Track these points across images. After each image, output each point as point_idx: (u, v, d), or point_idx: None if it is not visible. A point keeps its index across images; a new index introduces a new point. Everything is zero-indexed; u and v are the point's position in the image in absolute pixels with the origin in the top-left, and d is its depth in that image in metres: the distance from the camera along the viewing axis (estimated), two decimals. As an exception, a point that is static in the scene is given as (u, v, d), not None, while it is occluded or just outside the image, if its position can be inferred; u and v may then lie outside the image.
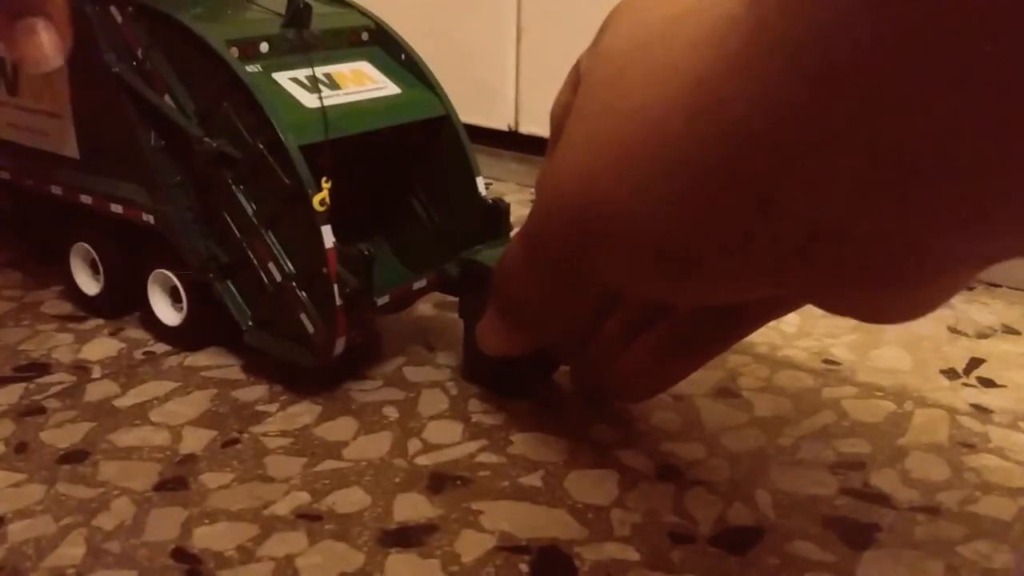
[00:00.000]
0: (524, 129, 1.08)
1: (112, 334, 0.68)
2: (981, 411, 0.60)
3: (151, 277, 0.66)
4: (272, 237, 0.58)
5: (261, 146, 0.56)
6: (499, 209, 0.64)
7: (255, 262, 0.59)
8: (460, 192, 0.66)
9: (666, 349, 0.26)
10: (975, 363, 0.66)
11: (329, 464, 0.53)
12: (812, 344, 0.69)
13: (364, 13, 0.69)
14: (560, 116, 0.24)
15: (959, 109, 0.14)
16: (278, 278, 0.58)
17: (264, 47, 0.60)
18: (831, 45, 0.14)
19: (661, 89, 0.16)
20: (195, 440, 0.55)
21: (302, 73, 0.61)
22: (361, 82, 0.63)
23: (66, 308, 0.72)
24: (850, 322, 0.73)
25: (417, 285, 0.62)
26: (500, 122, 1.07)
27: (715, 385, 0.62)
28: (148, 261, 0.66)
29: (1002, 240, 0.16)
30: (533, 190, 0.22)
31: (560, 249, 0.20)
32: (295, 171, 0.54)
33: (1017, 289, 0.80)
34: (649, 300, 0.24)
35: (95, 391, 0.60)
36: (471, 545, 0.46)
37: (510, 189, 1.09)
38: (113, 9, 0.61)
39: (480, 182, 0.66)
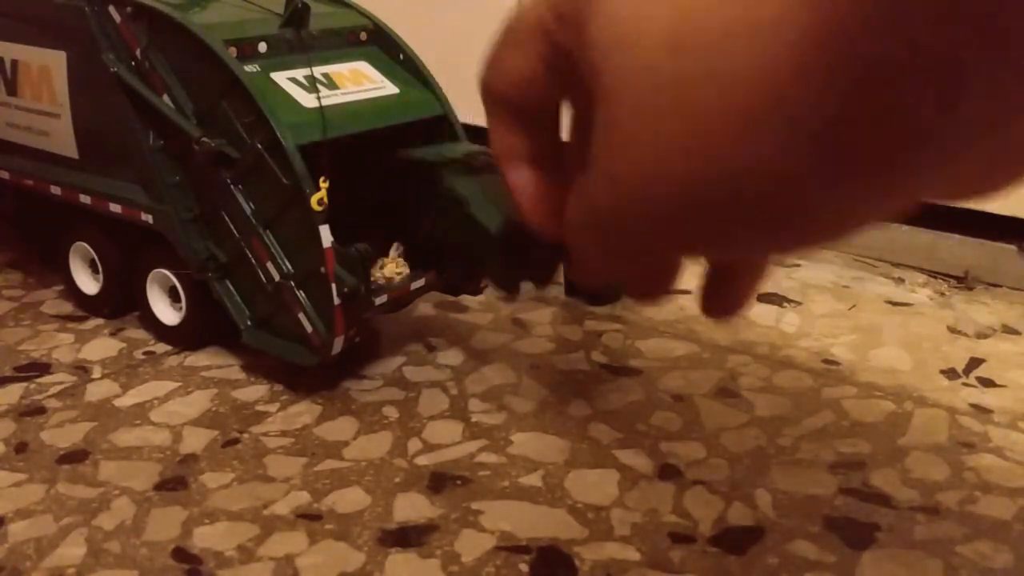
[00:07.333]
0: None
1: (112, 334, 0.68)
2: (981, 411, 0.60)
3: (150, 277, 0.66)
4: (270, 237, 0.58)
5: (259, 146, 0.56)
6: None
7: (253, 262, 0.59)
8: None
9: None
10: (975, 363, 0.66)
11: (329, 464, 0.53)
12: (812, 344, 0.69)
13: (363, 13, 0.69)
14: (516, 85, 0.22)
15: None
16: (276, 277, 0.58)
17: (262, 47, 0.60)
18: None
19: (758, 44, 0.15)
20: (195, 440, 0.55)
21: (300, 73, 0.60)
22: (359, 82, 0.63)
23: (66, 308, 0.72)
24: (850, 322, 0.73)
25: (416, 285, 0.62)
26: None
27: (715, 385, 0.62)
28: (147, 261, 0.66)
29: None
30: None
31: (646, 234, 0.18)
32: (293, 171, 0.54)
33: (1017, 289, 0.80)
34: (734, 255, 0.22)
35: (95, 391, 0.60)
36: (471, 545, 0.46)
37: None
38: (111, 9, 0.61)
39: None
